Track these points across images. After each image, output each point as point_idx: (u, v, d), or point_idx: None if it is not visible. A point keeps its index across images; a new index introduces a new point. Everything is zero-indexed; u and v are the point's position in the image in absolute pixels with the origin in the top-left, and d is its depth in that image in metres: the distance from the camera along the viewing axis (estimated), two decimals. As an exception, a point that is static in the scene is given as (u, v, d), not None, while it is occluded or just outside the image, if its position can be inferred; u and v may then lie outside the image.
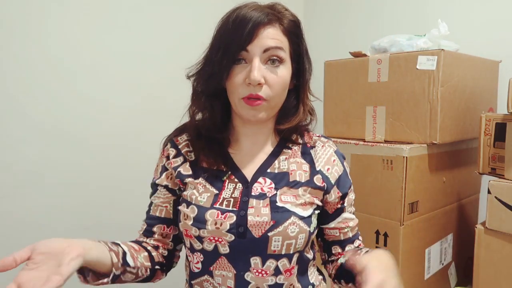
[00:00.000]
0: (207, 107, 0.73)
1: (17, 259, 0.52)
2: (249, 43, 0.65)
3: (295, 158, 0.75)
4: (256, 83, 0.65)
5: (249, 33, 0.64)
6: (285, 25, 0.69)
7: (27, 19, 1.24)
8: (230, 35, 0.66)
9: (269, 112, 0.70)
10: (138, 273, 0.72)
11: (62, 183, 1.35)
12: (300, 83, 0.74)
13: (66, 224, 1.36)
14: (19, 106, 1.26)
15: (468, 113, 1.28)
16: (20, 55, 1.24)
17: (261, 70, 0.66)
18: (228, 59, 0.66)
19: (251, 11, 0.65)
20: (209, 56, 0.70)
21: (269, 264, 0.68)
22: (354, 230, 0.80)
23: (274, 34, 0.67)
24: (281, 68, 0.68)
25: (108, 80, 1.43)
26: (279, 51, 0.67)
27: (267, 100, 0.67)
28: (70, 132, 1.36)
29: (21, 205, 1.28)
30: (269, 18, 0.66)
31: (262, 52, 0.66)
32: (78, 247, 0.56)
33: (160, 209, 0.77)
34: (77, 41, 1.35)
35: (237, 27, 0.65)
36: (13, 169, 1.26)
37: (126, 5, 1.45)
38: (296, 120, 0.73)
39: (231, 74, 0.67)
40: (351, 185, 0.79)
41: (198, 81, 0.72)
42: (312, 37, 2.05)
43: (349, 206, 0.78)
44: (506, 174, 1.07)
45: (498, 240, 1.06)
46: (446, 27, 1.24)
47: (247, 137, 0.75)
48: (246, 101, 0.67)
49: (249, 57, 0.66)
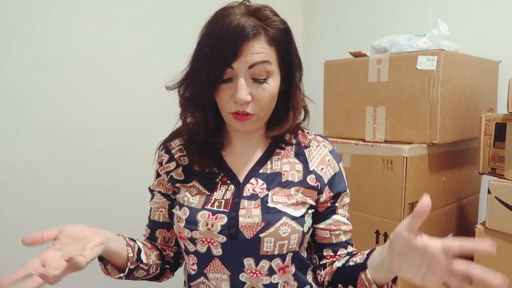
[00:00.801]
0: (199, 114, 0.72)
1: (45, 237, 0.56)
2: (234, 61, 0.62)
3: (288, 158, 0.74)
4: (243, 102, 0.64)
5: (233, 51, 0.61)
6: (271, 35, 0.65)
7: (27, 19, 1.24)
8: (214, 52, 0.63)
9: (259, 123, 0.70)
10: (150, 271, 0.74)
11: (62, 183, 1.35)
12: (290, 88, 0.72)
13: (66, 224, 1.36)
14: (19, 106, 1.26)
15: (468, 113, 1.28)
16: (20, 55, 1.24)
17: (247, 89, 0.64)
18: (215, 77, 0.64)
19: (235, 23, 0.61)
20: (194, 70, 0.67)
21: (263, 265, 0.68)
22: (348, 235, 0.77)
23: (259, 48, 0.63)
24: (269, 81, 0.66)
25: (108, 80, 1.43)
26: (266, 65, 0.64)
27: (255, 114, 0.66)
28: (70, 132, 1.36)
29: (21, 205, 1.28)
30: (254, 33, 0.62)
31: (247, 68, 0.63)
32: (101, 235, 0.61)
33: (158, 214, 0.79)
34: (77, 41, 1.35)
35: (221, 44, 0.62)
36: (13, 169, 1.26)
37: (126, 5, 1.45)
38: (287, 126, 0.72)
39: (218, 89, 0.66)
40: (346, 189, 0.77)
41: (185, 90, 0.70)
42: (312, 37, 2.06)
43: (342, 209, 0.76)
44: (506, 174, 1.07)
45: (498, 240, 1.06)
46: (446, 27, 1.24)
47: (239, 139, 0.75)
48: (234, 116, 0.66)
49: (234, 74, 0.64)
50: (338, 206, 0.75)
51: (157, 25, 1.53)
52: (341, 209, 0.76)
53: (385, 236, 1.18)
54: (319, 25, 2.02)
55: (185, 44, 0.70)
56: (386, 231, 1.18)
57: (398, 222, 1.14)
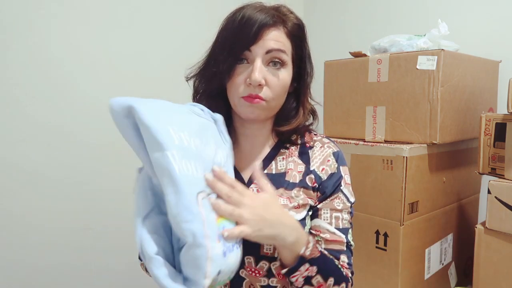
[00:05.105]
0: (210, 107, 0.73)
1: None
2: (253, 44, 0.65)
3: (292, 157, 0.74)
4: (257, 83, 0.65)
5: (254, 33, 0.65)
6: (289, 28, 0.69)
7: (28, 19, 1.24)
8: (235, 35, 0.66)
9: (267, 113, 0.70)
10: None
11: (62, 183, 1.35)
12: (301, 86, 0.74)
13: (67, 224, 1.36)
14: (20, 106, 1.26)
15: (468, 113, 1.28)
16: (21, 55, 1.24)
17: (263, 72, 0.66)
18: (232, 58, 0.67)
19: (257, 12, 0.66)
20: (213, 55, 0.70)
21: (262, 265, 0.68)
22: (331, 245, 0.69)
23: (278, 37, 0.67)
24: (282, 71, 0.68)
25: (110, 80, 1.43)
26: (282, 54, 0.67)
27: (266, 100, 0.68)
28: (70, 132, 1.36)
29: (21, 205, 1.28)
30: (274, 20, 0.66)
31: (264, 53, 0.66)
32: None
33: None
34: (79, 41, 1.35)
35: (243, 27, 0.65)
36: (13, 169, 1.26)
37: (128, 5, 1.45)
38: (296, 122, 0.73)
39: (233, 73, 0.68)
40: (339, 193, 0.72)
41: (200, 81, 0.73)
42: (312, 37, 2.04)
43: (327, 213, 0.70)
44: (506, 174, 1.07)
45: (498, 240, 1.06)
46: (446, 27, 1.24)
47: (246, 138, 0.75)
48: (245, 99, 0.67)
49: (251, 58, 0.67)
50: (321, 208, 0.71)
51: (158, 25, 1.53)
52: (326, 213, 0.70)
53: (385, 236, 1.18)
54: (319, 25, 2.03)
55: (187, 44, 0.71)
56: (386, 231, 1.18)
57: (398, 222, 1.14)
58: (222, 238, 0.53)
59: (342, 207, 0.72)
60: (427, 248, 1.24)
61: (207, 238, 0.51)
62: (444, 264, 1.33)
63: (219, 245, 0.52)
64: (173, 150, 0.51)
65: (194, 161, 0.54)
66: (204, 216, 0.51)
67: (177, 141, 0.52)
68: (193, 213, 0.50)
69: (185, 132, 0.55)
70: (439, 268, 1.31)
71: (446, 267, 1.34)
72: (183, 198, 0.50)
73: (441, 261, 1.31)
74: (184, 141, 0.53)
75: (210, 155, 0.59)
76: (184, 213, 0.50)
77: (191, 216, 0.50)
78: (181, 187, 0.50)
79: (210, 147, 0.59)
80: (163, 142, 0.51)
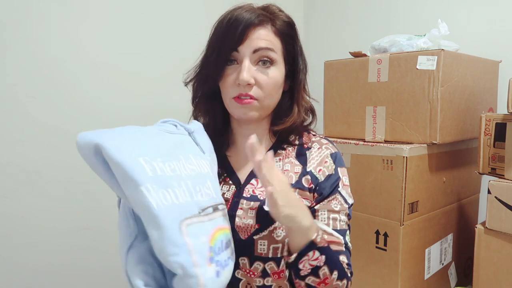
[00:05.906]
0: (209, 109, 0.74)
1: None
2: (239, 44, 0.66)
3: (289, 158, 0.74)
4: (245, 83, 0.66)
5: (240, 34, 0.65)
6: (277, 26, 0.69)
7: (28, 19, 1.24)
8: (223, 37, 0.67)
9: (261, 112, 0.70)
10: None
11: (62, 183, 1.35)
12: (295, 84, 0.74)
13: (67, 224, 1.36)
14: (20, 106, 1.26)
15: (468, 113, 1.28)
16: (21, 55, 1.24)
17: (251, 71, 0.66)
18: (221, 60, 0.67)
19: (244, 13, 0.66)
20: (205, 58, 0.71)
21: (256, 266, 0.68)
22: (331, 245, 0.67)
23: (265, 35, 0.67)
24: (272, 69, 0.68)
25: (110, 80, 1.43)
26: (270, 52, 0.67)
27: (258, 99, 0.68)
28: (71, 132, 1.36)
29: (21, 205, 1.28)
30: (260, 20, 0.67)
31: (252, 52, 0.66)
32: None
33: None
34: (79, 41, 1.35)
35: (229, 28, 0.66)
36: (13, 169, 1.26)
37: (128, 6, 1.45)
38: (290, 121, 0.73)
39: (223, 74, 0.68)
40: (336, 194, 0.71)
41: (197, 84, 0.74)
42: (312, 37, 2.06)
43: (324, 214, 0.69)
44: (506, 174, 1.07)
45: (498, 240, 1.06)
46: (446, 27, 1.24)
47: (243, 138, 0.75)
48: (236, 100, 0.68)
49: (240, 58, 0.67)
50: (318, 209, 0.70)
51: (159, 25, 1.53)
52: (324, 215, 0.70)
53: (385, 236, 1.18)
54: (319, 25, 2.02)
55: (187, 45, 0.71)
56: (386, 231, 1.18)
57: (398, 222, 1.14)
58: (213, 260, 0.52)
59: (340, 209, 0.71)
60: (427, 248, 1.24)
61: (197, 267, 0.50)
62: (444, 264, 1.33)
63: (210, 268, 0.52)
64: (147, 184, 0.49)
65: (172, 187, 0.52)
66: (191, 245, 0.50)
67: (150, 173, 0.50)
68: (178, 245, 0.49)
69: (158, 159, 0.52)
70: (439, 268, 1.31)
71: (446, 267, 1.34)
72: (165, 232, 0.48)
73: (441, 261, 1.31)
74: (157, 170, 0.51)
75: (194, 169, 0.57)
76: (168, 247, 0.48)
77: (177, 249, 0.49)
78: (162, 222, 0.48)
79: (191, 162, 0.58)
80: (136, 178, 0.49)
